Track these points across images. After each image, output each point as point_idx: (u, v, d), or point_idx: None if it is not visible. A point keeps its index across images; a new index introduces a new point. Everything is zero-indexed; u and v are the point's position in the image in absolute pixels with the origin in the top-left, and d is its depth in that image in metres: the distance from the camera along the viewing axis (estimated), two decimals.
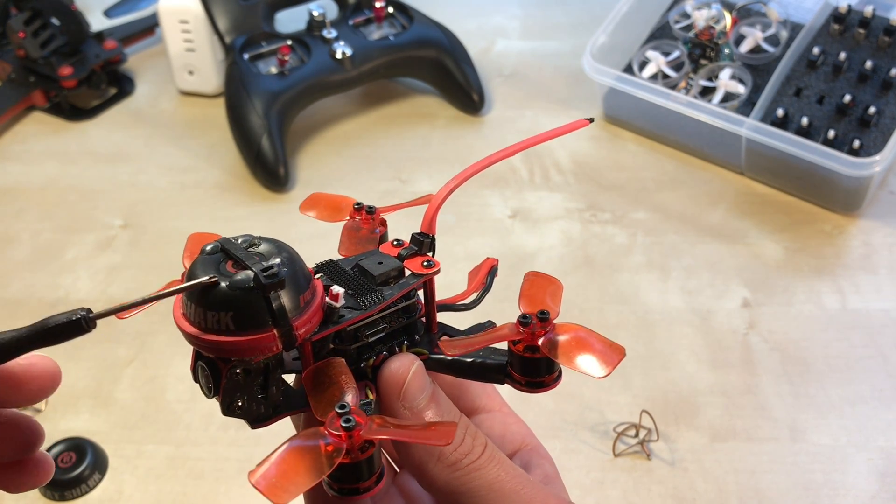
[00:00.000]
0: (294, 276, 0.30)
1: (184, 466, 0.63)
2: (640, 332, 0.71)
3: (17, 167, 0.91)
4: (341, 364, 0.32)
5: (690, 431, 0.64)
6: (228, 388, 0.31)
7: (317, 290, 0.32)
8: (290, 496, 0.28)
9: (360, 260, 0.35)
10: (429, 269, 0.35)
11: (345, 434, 0.29)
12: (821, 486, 0.61)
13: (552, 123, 0.91)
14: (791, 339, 0.70)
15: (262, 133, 0.84)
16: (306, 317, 0.30)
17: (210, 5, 0.91)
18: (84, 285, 0.76)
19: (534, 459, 0.38)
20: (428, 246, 0.35)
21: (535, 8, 1.09)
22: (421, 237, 0.35)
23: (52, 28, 0.94)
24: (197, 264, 0.30)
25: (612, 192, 0.84)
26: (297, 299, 0.30)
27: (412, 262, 0.35)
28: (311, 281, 0.31)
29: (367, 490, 0.30)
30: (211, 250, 0.31)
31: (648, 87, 0.85)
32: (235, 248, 0.31)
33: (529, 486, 0.33)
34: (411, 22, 0.94)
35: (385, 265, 0.34)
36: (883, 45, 0.82)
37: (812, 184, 0.80)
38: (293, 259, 0.31)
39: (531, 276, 0.36)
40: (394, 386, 0.33)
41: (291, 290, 0.30)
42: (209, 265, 0.30)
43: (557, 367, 0.34)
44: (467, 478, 0.32)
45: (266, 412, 0.33)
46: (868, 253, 0.77)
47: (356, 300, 0.33)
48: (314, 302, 0.31)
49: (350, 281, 0.34)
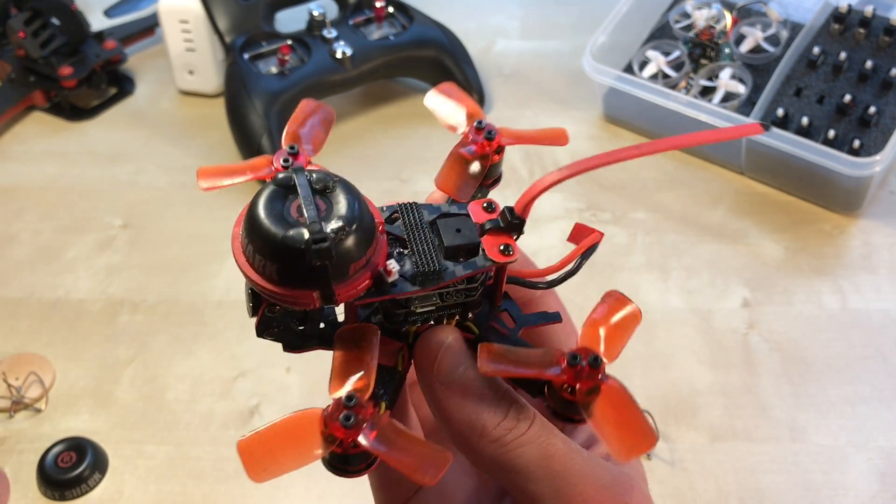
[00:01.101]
0: (353, 242, 0.29)
1: (184, 466, 0.63)
2: (640, 332, 0.71)
3: (16, 167, 0.90)
4: (373, 336, 0.31)
5: (690, 431, 0.64)
6: (265, 319, 0.31)
7: (375, 253, 0.30)
8: (269, 476, 0.28)
9: (439, 216, 0.32)
10: (505, 256, 0.32)
11: (342, 429, 0.28)
12: (821, 486, 0.61)
13: (552, 123, 0.91)
14: (791, 338, 0.70)
15: (262, 133, 0.84)
16: (352, 284, 0.29)
17: (210, 5, 0.91)
18: (84, 285, 0.76)
19: None
20: (515, 227, 0.32)
21: (535, 8, 1.09)
22: (510, 216, 0.32)
23: (52, 28, 0.94)
24: (262, 197, 0.29)
25: (612, 192, 0.84)
26: (348, 267, 0.29)
27: (491, 240, 0.32)
28: (370, 245, 0.29)
29: (356, 473, 0.30)
30: (281, 181, 0.29)
31: (648, 86, 0.84)
32: (305, 189, 0.29)
33: (582, 462, 0.31)
34: (411, 22, 0.94)
35: (461, 236, 0.31)
36: (883, 44, 0.82)
37: (812, 184, 0.80)
38: (360, 219, 0.29)
39: (610, 299, 0.33)
40: (427, 360, 0.32)
41: (344, 258, 0.28)
42: (274, 201, 0.29)
43: None
44: (513, 454, 0.31)
45: (300, 342, 0.33)
46: (868, 253, 0.77)
47: (416, 267, 0.31)
48: (367, 269, 0.29)
49: (419, 241, 0.31)
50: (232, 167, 0.34)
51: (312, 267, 0.28)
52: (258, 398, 0.67)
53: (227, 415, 0.66)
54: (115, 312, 0.74)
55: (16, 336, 0.72)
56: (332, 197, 0.29)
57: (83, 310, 0.74)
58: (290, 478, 0.64)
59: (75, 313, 0.74)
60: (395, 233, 0.32)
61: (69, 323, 0.73)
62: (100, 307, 0.75)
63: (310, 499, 0.61)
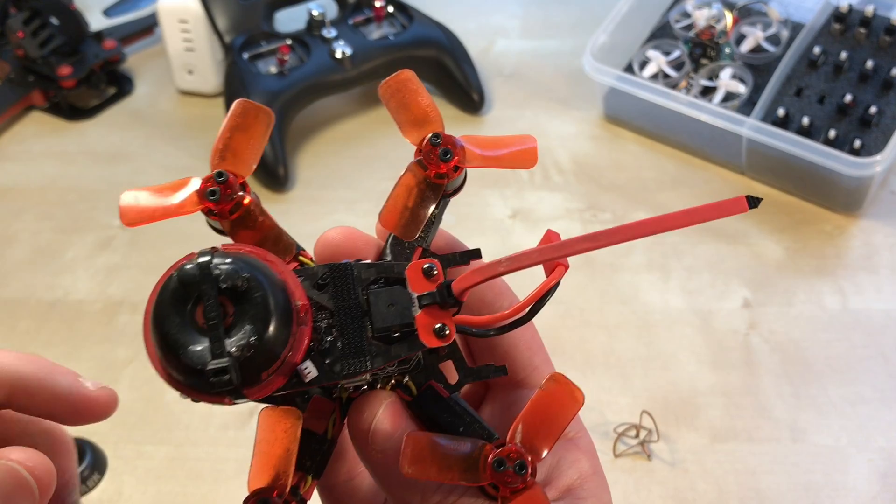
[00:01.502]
0: (259, 354, 0.26)
1: (183, 467, 0.63)
2: (640, 333, 0.71)
3: (16, 167, 0.90)
4: (297, 421, 0.29)
5: (691, 432, 0.64)
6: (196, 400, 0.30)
7: (290, 355, 0.27)
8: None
9: (373, 283, 0.30)
10: (440, 340, 0.29)
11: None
12: (821, 486, 0.60)
13: (552, 123, 0.91)
14: (792, 339, 0.70)
15: None
16: (265, 387, 0.27)
17: (209, 5, 0.90)
18: (83, 285, 0.76)
19: (569, 456, 0.34)
20: (450, 306, 0.29)
21: (535, 7, 1.09)
22: (447, 295, 0.29)
23: (51, 27, 0.94)
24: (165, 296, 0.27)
25: (613, 192, 0.84)
26: (259, 376, 0.27)
27: (427, 319, 0.29)
28: (284, 347, 0.27)
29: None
30: (187, 277, 0.27)
31: (649, 86, 0.84)
32: (212, 299, 0.26)
33: None
34: (411, 21, 0.94)
35: (394, 314, 0.29)
36: (884, 44, 0.82)
37: (813, 184, 0.80)
38: (267, 332, 0.26)
39: (551, 385, 0.30)
40: (359, 433, 0.31)
41: (252, 369, 0.26)
42: (177, 303, 0.27)
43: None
44: None
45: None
46: (869, 253, 0.77)
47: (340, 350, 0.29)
48: (279, 375, 0.27)
49: (346, 316, 0.29)
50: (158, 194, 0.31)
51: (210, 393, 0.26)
52: None
53: (226, 415, 0.66)
54: (114, 313, 0.74)
55: (15, 336, 0.72)
56: (243, 297, 0.27)
57: (82, 310, 0.74)
58: None
59: (74, 313, 0.74)
60: (323, 303, 0.29)
61: (68, 323, 0.73)
62: (99, 307, 0.74)
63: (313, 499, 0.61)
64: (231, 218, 0.31)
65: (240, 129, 0.32)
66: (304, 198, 0.85)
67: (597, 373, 0.68)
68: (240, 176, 0.31)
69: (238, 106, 0.32)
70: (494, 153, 0.33)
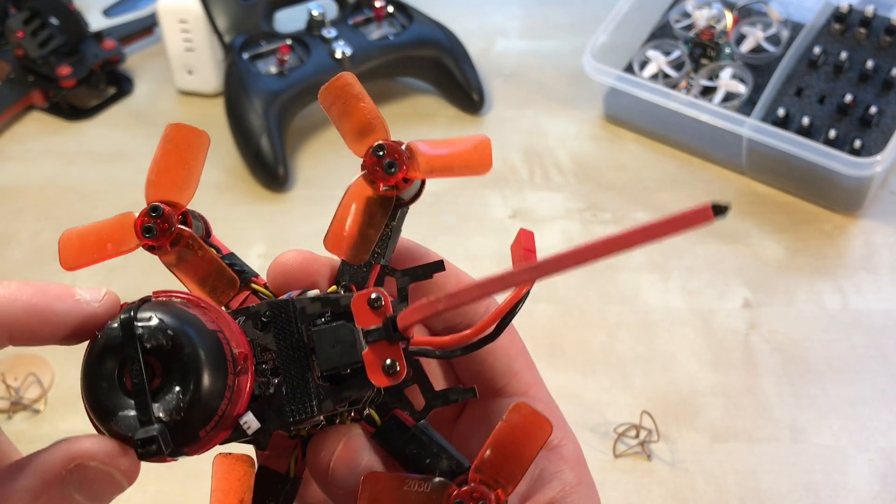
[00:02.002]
0: (194, 414, 0.25)
1: (183, 467, 0.63)
2: (640, 333, 0.71)
3: (15, 167, 0.90)
4: (247, 474, 0.28)
5: (691, 432, 0.64)
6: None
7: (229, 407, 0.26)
8: None
9: (316, 321, 0.28)
10: (389, 378, 0.26)
11: None
12: (822, 486, 0.60)
13: (552, 123, 0.91)
14: (792, 339, 0.70)
15: (261, 133, 0.84)
16: (206, 444, 0.26)
17: (209, 5, 0.90)
18: (83, 285, 0.76)
19: (551, 467, 0.33)
20: (398, 340, 0.27)
21: (535, 7, 1.09)
22: (393, 331, 0.26)
23: (51, 27, 0.93)
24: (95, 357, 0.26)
25: (613, 192, 0.84)
26: (196, 435, 0.26)
27: (374, 356, 0.26)
28: (220, 401, 0.26)
29: None
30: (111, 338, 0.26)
31: (649, 86, 0.84)
32: (136, 363, 0.25)
33: None
34: (411, 21, 0.94)
35: (339, 355, 0.28)
36: (884, 44, 0.82)
37: (813, 184, 0.80)
38: (198, 391, 0.25)
39: (515, 416, 0.28)
40: (318, 471, 0.30)
41: (187, 430, 0.25)
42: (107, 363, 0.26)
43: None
44: None
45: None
46: (869, 253, 0.76)
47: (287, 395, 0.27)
48: (218, 430, 0.26)
49: (290, 361, 0.28)
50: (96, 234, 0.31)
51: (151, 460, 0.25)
52: None
53: None
54: None
55: None
56: (170, 355, 0.25)
57: None
58: None
59: None
60: (266, 345, 0.28)
61: None
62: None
63: None
64: (173, 252, 0.30)
65: (173, 155, 0.31)
66: (304, 198, 0.85)
67: (597, 373, 0.68)
68: (178, 206, 0.30)
69: (170, 131, 0.31)
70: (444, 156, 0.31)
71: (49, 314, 0.27)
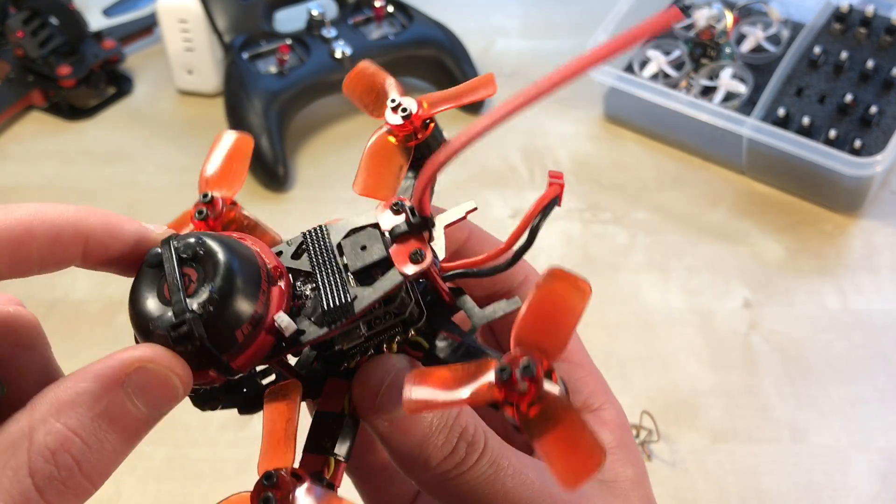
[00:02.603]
0: (226, 311, 0.26)
1: (182, 467, 0.63)
2: (640, 333, 0.71)
3: (15, 167, 0.90)
4: (296, 395, 0.28)
5: (691, 432, 0.64)
6: (194, 400, 0.30)
7: (265, 312, 0.27)
8: None
9: (347, 234, 0.29)
10: (415, 264, 0.28)
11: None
12: (822, 486, 0.60)
13: (552, 123, 0.91)
14: (792, 339, 0.70)
15: (261, 133, 0.84)
16: (248, 351, 0.27)
17: (209, 4, 0.90)
18: (82, 286, 0.76)
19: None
20: (420, 228, 0.28)
21: (535, 7, 1.09)
22: (411, 216, 0.28)
23: (51, 27, 0.93)
24: (140, 279, 0.28)
25: (613, 192, 0.84)
26: (233, 335, 0.26)
27: (401, 248, 0.28)
28: (255, 303, 0.27)
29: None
30: (153, 261, 0.28)
31: (649, 86, 0.84)
32: (171, 266, 0.27)
33: (530, 497, 0.29)
34: (411, 21, 0.94)
35: (367, 254, 0.28)
36: (884, 44, 0.82)
37: (813, 184, 0.80)
38: (228, 288, 0.26)
39: (551, 278, 0.26)
40: (365, 400, 0.29)
41: (222, 329, 0.26)
42: (150, 284, 0.27)
43: None
44: (458, 490, 0.29)
45: (251, 403, 0.31)
46: (869, 253, 0.76)
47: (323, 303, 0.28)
48: (260, 330, 0.27)
49: (325, 272, 0.29)
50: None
51: (185, 354, 0.26)
52: None
53: (225, 416, 0.66)
54: (113, 313, 0.74)
55: None
56: (204, 263, 0.27)
57: (82, 310, 0.74)
58: None
59: (74, 314, 0.74)
60: (301, 269, 0.29)
61: (68, 323, 0.73)
62: (99, 308, 0.74)
63: None
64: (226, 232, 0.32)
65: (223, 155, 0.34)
66: (304, 198, 0.85)
67: None
68: (227, 197, 0.33)
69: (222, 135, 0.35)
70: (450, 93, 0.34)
71: (119, 231, 0.29)
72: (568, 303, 0.26)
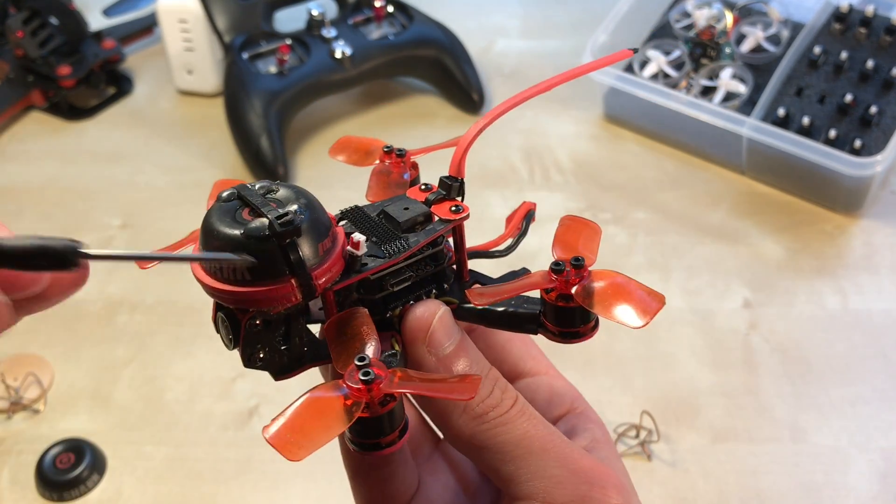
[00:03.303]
0: (312, 222, 0.29)
1: (182, 467, 0.63)
2: (640, 333, 0.71)
3: (15, 167, 0.90)
4: (364, 315, 0.31)
5: (691, 432, 0.64)
6: (248, 339, 0.31)
7: (338, 237, 0.30)
8: (305, 452, 0.27)
9: (385, 206, 0.33)
10: (457, 214, 0.33)
11: (364, 387, 0.28)
12: (822, 486, 0.60)
13: (552, 123, 0.91)
14: (792, 339, 0.70)
15: (261, 132, 0.84)
16: (326, 266, 0.29)
17: (209, 4, 0.90)
18: None
19: (581, 424, 0.36)
20: (457, 190, 0.34)
21: (535, 7, 1.09)
22: (449, 181, 0.34)
23: (51, 27, 0.93)
24: (212, 213, 0.29)
25: (613, 192, 0.84)
26: (316, 247, 0.29)
27: (440, 207, 0.33)
28: (331, 228, 0.30)
29: (389, 445, 0.29)
30: (227, 197, 0.30)
31: (649, 86, 0.84)
32: (252, 194, 0.29)
33: (562, 446, 0.31)
34: (411, 21, 0.94)
35: (411, 211, 0.33)
36: (884, 44, 0.82)
37: (813, 184, 0.80)
38: (312, 205, 0.30)
39: (566, 220, 0.35)
40: (418, 331, 0.32)
41: (309, 238, 0.29)
42: (224, 213, 0.29)
43: (594, 317, 0.32)
44: (493, 432, 0.31)
45: (289, 363, 0.32)
46: (869, 253, 0.76)
47: (380, 248, 0.31)
48: (334, 250, 0.30)
49: (374, 228, 0.33)
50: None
51: (283, 251, 0.28)
52: (257, 399, 0.67)
53: (226, 415, 0.66)
54: (113, 313, 0.74)
55: (14, 336, 0.72)
56: (278, 195, 0.30)
57: (82, 310, 0.74)
58: (288, 479, 0.64)
59: (74, 314, 0.74)
60: (347, 230, 0.32)
61: (68, 323, 0.73)
62: (98, 307, 0.74)
63: (309, 500, 0.61)
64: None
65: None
66: None
67: (597, 373, 0.68)
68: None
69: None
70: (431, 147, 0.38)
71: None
72: (587, 232, 0.34)
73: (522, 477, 0.31)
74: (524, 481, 0.31)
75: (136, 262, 0.29)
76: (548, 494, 0.30)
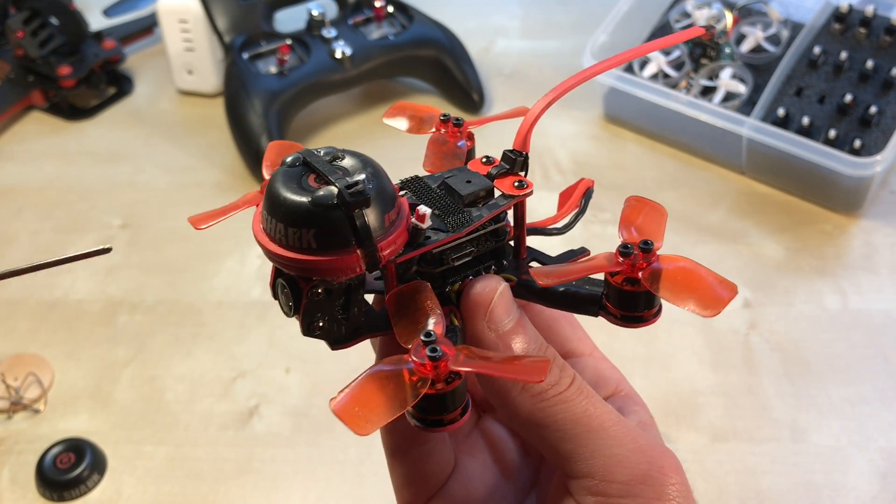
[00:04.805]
0: (379, 193, 0.29)
1: (183, 467, 0.63)
2: (640, 333, 0.71)
3: (15, 167, 0.90)
4: (427, 288, 0.30)
5: (691, 432, 0.64)
6: (309, 307, 0.30)
7: (402, 209, 0.30)
8: (373, 427, 0.26)
9: (446, 178, 0.33)
10: (521, 189, 0.33)
11: (430, 364, 0.27)
12: (821, 486, 0.60)
13: (552, 123, 0.91)
14: (792, 339, 0.70)
15: (261, 133, 0.84)
16: (391, 237, 0.29)
17: (209, 5, 0.90)
18: (83, 286, 0.76)
19: (628, 406, 0.36)
20: (521, 165, 0.33)
21: (535, 7, 1.09)
22: (513, 155, 0.33)
23: (51, 27, 0.93)
24: (277, 178, 0.29)
25: (613, 192, 0.83)
26: (382, 218, 0.29)
27: (503, 181, 0.33)
28: (396, 199, 0.30)
29: (452, 422, 0.29)
30: (292, 162, 0.29)
31: (649, 86, 0.84)
32: (318, 161, 0.29)
33: (620, 424, 0.31)
34: (411, 21, 0.94)
35: (474, 184, 0.32)
36: (884, 44, 0.82)
37: (813, 184, 0.80)
38: (379, 174, 0.29)
39: (632, 200, 0.34)
40: (479, 306, 0.32)
41: (376, 209, 0.28)
42: (290, 179, 0.29)
43: (658, 302, 0.32)
44: (552, 410, 0.31)
45: (347, 334, 0.32)
46: (869, 253, 0.76)
47: (443, 221, 0.31)
48: (400, 222, 0.29)
49: (436, 200, 0.32)
50: (223, 208, 0.36)
51: (351, 221, 0.27)
52: (257, 399, 0.67)
53: (226, 415, 0.66)
54: (113, 313, 0.74)
55: (14, 336, 0.72)
56: (344, 163, 0.30)
57: (82, 310, 0.74)
58: (289, 479, 0.64)
59: (74, 314, 0.74)
60: (410, 201, 0.32)
61: (68, 323, 0.73)
62: (99, 307, 0.74)
63: (309, 500, 0.61)
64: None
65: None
66: None
67: None
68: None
69: None
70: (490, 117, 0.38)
71: None
72: (656, 208, 0.33)
73: (581, 455, 0.30)
74: (583, 459, 0.30)
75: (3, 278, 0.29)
76: (608, 472, 0.30)
